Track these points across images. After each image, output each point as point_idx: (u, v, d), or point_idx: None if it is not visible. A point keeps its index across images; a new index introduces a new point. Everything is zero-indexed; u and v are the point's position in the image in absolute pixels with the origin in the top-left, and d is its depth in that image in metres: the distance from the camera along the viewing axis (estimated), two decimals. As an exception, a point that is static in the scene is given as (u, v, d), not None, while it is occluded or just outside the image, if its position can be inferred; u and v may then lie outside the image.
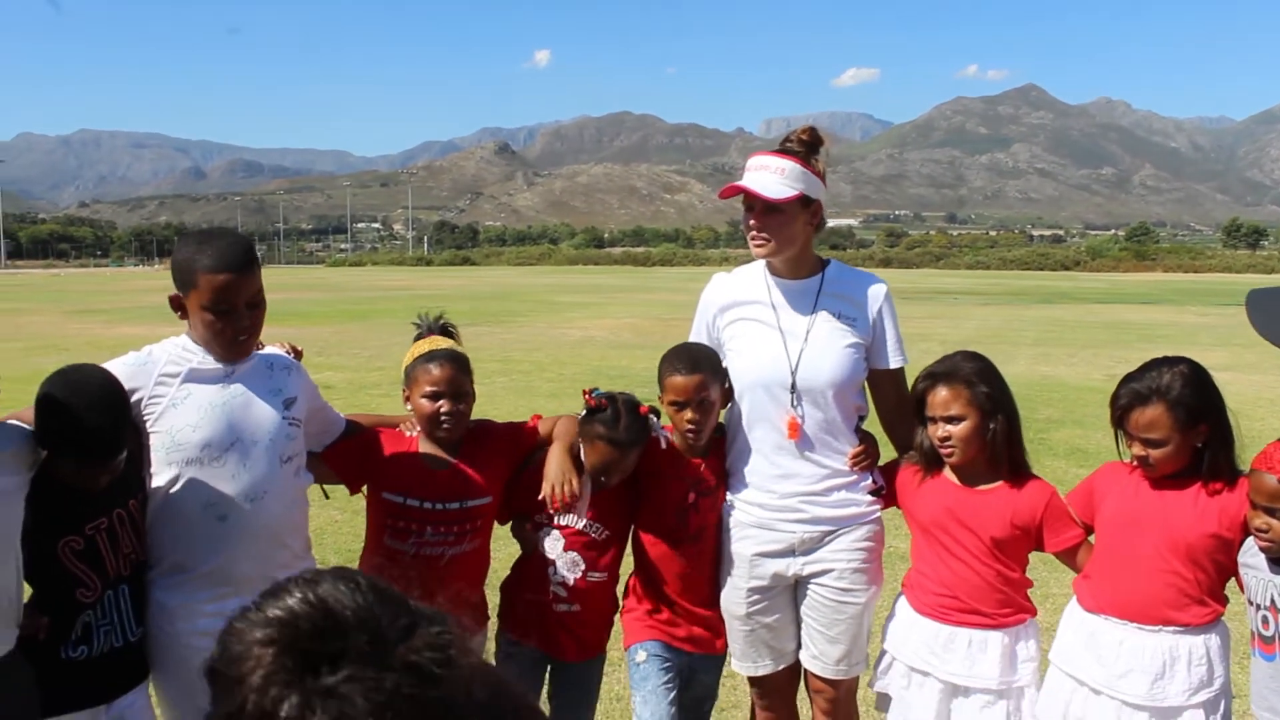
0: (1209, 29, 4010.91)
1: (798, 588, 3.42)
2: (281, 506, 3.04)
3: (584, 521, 3.39)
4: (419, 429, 3.33)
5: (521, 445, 3.41)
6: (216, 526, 2.91)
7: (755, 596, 3.39)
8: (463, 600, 3.34)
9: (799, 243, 3.31)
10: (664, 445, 3.38)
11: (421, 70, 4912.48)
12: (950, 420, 3.17)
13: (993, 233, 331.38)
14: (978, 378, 3.19)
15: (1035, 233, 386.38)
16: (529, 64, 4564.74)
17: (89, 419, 2.57)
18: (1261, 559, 2.82)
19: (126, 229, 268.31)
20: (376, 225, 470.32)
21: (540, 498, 3.25)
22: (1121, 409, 3.00)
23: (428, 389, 3.19)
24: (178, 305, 2.93)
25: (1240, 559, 2.92)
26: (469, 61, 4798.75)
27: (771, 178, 3.22)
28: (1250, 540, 2.87)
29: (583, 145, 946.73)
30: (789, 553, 3.34)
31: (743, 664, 3.49)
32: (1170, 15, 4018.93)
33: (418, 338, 3.40)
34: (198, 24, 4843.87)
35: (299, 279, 59.07)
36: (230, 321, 2.88)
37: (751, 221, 3.27)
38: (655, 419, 3.39)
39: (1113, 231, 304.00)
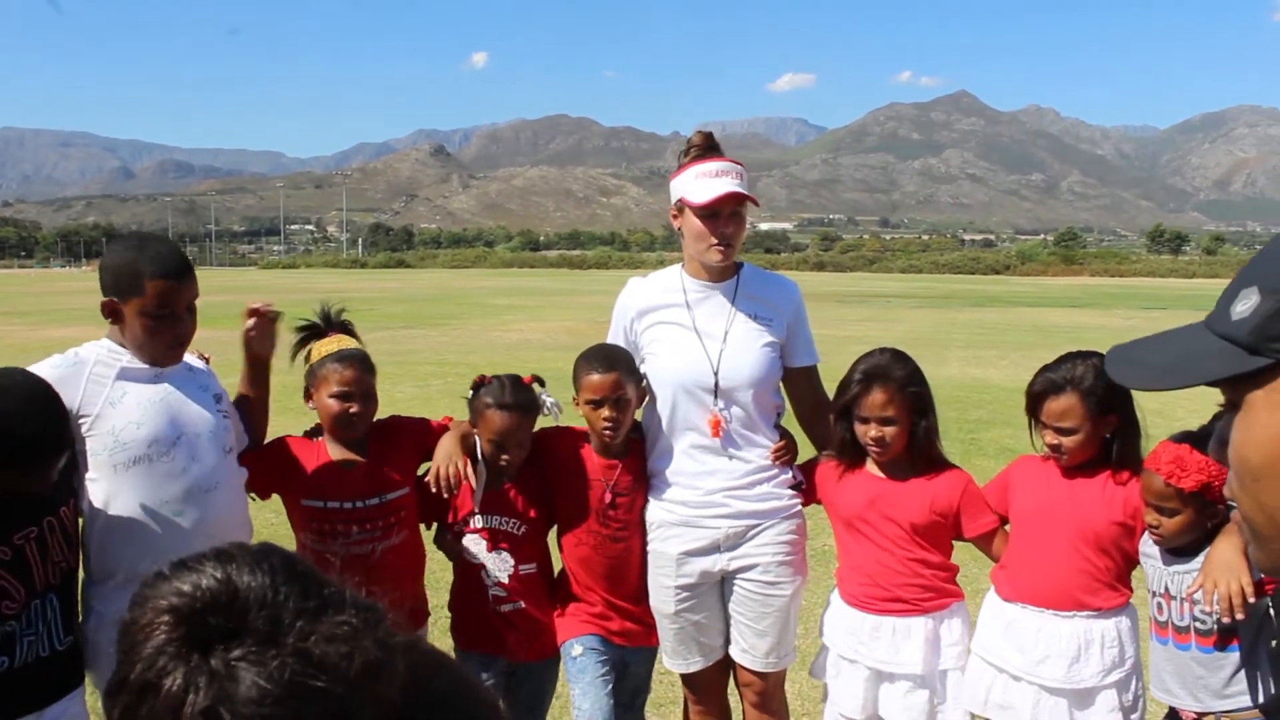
0: (1134, 40, 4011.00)
1: (724, 584, 3.47)
2: (230, 497, 3.05)
3: (505, 519, 3.41)
4: (322, 436, 3.35)
5: (429, 440, 3.39)
6: (173, 523, 2.89)
7: (684, 594, 3.43)
8: (399, 597, 3.25)
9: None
10: (552, 416, 3.46)
11: (357, 71, 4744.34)
12: (885, 422, 3.24)
13: (925, 237, 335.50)
14: (909, 381, 3.27)
15: (967, 237, 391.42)
16: (466, 66, 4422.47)
17: (23, 427, 2.48)
18: (1157, 550, 2.99)
19: (52, 229, 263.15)
20: (310, 227, 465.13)
21: (425, 480, 3.28)
22: (1036, 397, 3.12)
23: (337, 389, 3.20)
24: (111, 310, 2.90)
25: (1141, 549, 3.08)
26: (405, 63, 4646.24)
27: (740, 182, 3.29)
28: (1148, 533, 3.02)
29: (519, 148, 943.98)
30: (714, 549, 3.39)
31: (674, 661, 3.54)
32: (1097, 26, 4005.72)
33: (314, 331, 3.38)
34: (126, 20, 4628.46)
35: (231, 281, 57.53)
36: (170, 326, 2.89)
37: (723, 229, 3.29)
38: (540, 387, 3.44)
39: (1042, 236, 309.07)
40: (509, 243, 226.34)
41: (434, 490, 3.25)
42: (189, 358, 3.10)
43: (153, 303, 2.83)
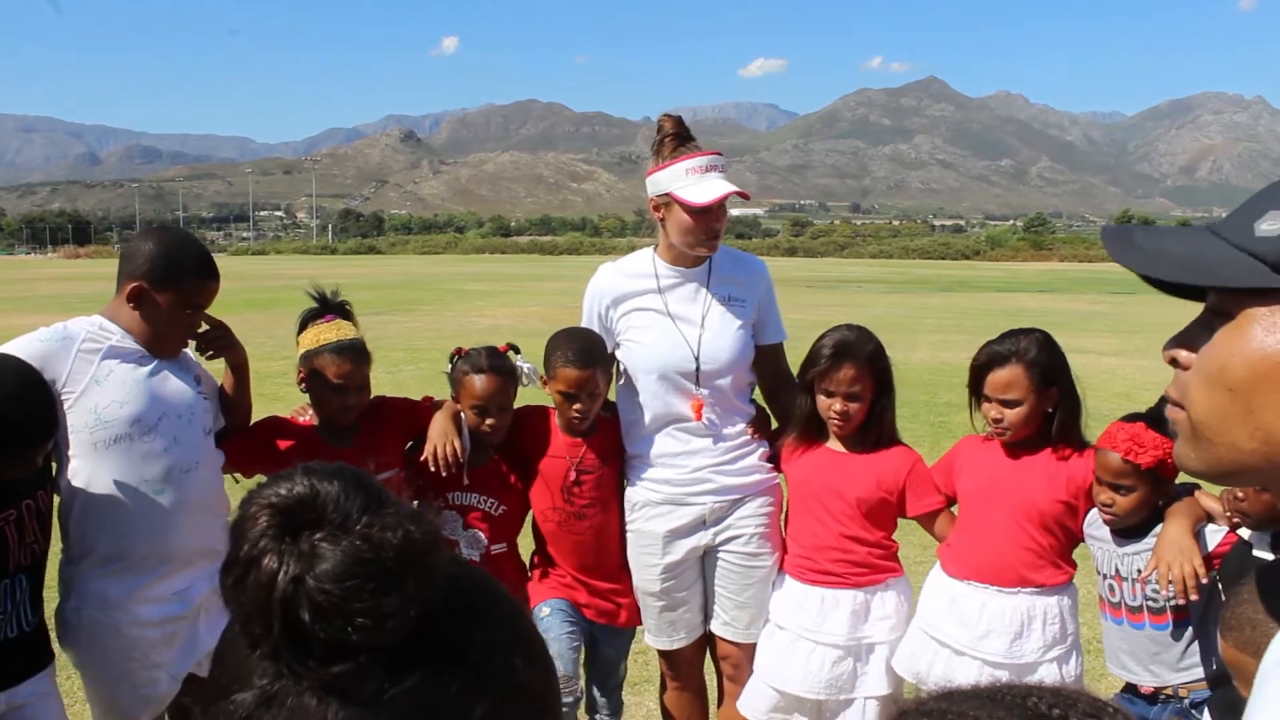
0: (1103, 27, 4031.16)
1: (706, 559, 3.53)
2: (209, 476, 3.07)
3: (484, 498, 3.44)
4: (310, 414, 3.38)
5: (416, 421, 3.43)
6: (153, 502, 2.91)
7: (669, 573, 3.48)
8: None
9: None
10: (530, 383, 3.50)
11: (327, 56, 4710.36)
12: (850, 397, 3.29)
13: (896, 222, 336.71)
14: (876, 357, 3.32)
15: (937, 223, 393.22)
16: (436, 51, 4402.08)
17: (12, 414, 2.50)
18: (1105, 531, 3.05)
19: (17, 216, 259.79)
20: (279, 213, 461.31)
21: (422, 459, 3.30)
22: (979, 369, 3.18)
23: (333, 381, 3.21)
24: (137, 295, 2.91)
25: (1086, 530, 3.15)
26: (375, 48, 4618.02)
27: (725, 176, 3.33)
28: (1094, 513, 3.09)
29: (489, 133, 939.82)
30: (700, 525, 3.45)
31: (658, 639, 3.59)
32: (1066, 13, 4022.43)
33: (314, 315, 3.37)
34: (91, 2, 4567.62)
35: (199, 268, 56.82)
36: (190, 322, 2.99)
37: (714, 224, 3.32)
38: (516, 354, 3.49)
39: (1011, 222, 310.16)
40: (480, 229, 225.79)
41: (433, 470, 3.27)
42: None
43: (190, 298, 2.92)
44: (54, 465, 2.91)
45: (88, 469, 2.87)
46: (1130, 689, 3.04)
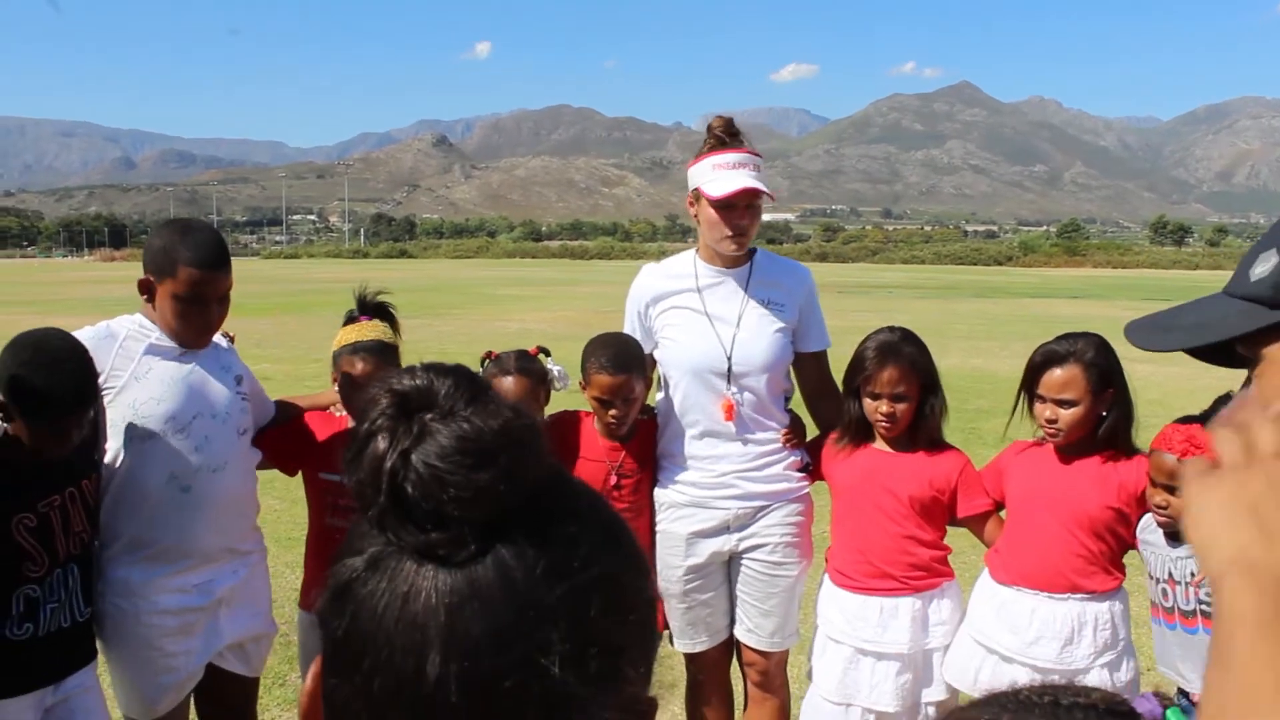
0: (1138, 31, 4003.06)
1: (731, 564, 3.53)
2: (239, 477, 3.11)
3: None
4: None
5: None
6: (180, 498, 2.96)
7: (693, 575, 3.48)
8: None
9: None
10: (561, 386, 3.53)
11: (359, 61, 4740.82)
12: (896, 398, 3.29)
13: (928, 228, 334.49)
14: (920, 357, 3.33)
15: (969, 228, 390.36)
16: (469, 55, 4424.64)
17: (58, 373, 2.55)
18: (1158, 535, 3.02)
19: (54, 219, 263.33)
20: (312, 217, 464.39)
21: None
22: (1036, 369, 3.17)
23: (356, 380, 3.24)
24: (146, 288, 2.98)
25: (1139, 535, 3.12)
26: (408, 53, 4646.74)
27: (756, 175, 3.32)
28: (1147, 517, 3.07)
29: (520, 138, 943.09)
30: (724, 529, 3.45)
31: (681, 642, 3.58)
32: (1101, 17, 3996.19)
33: (351, 316, 3.42)
34: (128, 9, 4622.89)
35: (234, 271, 57.17)
36: (198, 314, 2.96)
37: (740, 220, 3.33)
38: (546, 357, 3.52)
39: (1044, 228, 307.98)
40: (511, 233, 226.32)
41: None
42: (215, 336, 3.16)
43: (184, 288, 2.90)
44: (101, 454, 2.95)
45: (122, 461, 2.94)
46: (1183, 693, 3.02)
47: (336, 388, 3.35)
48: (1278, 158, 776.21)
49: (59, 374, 2.55)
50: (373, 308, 3.44)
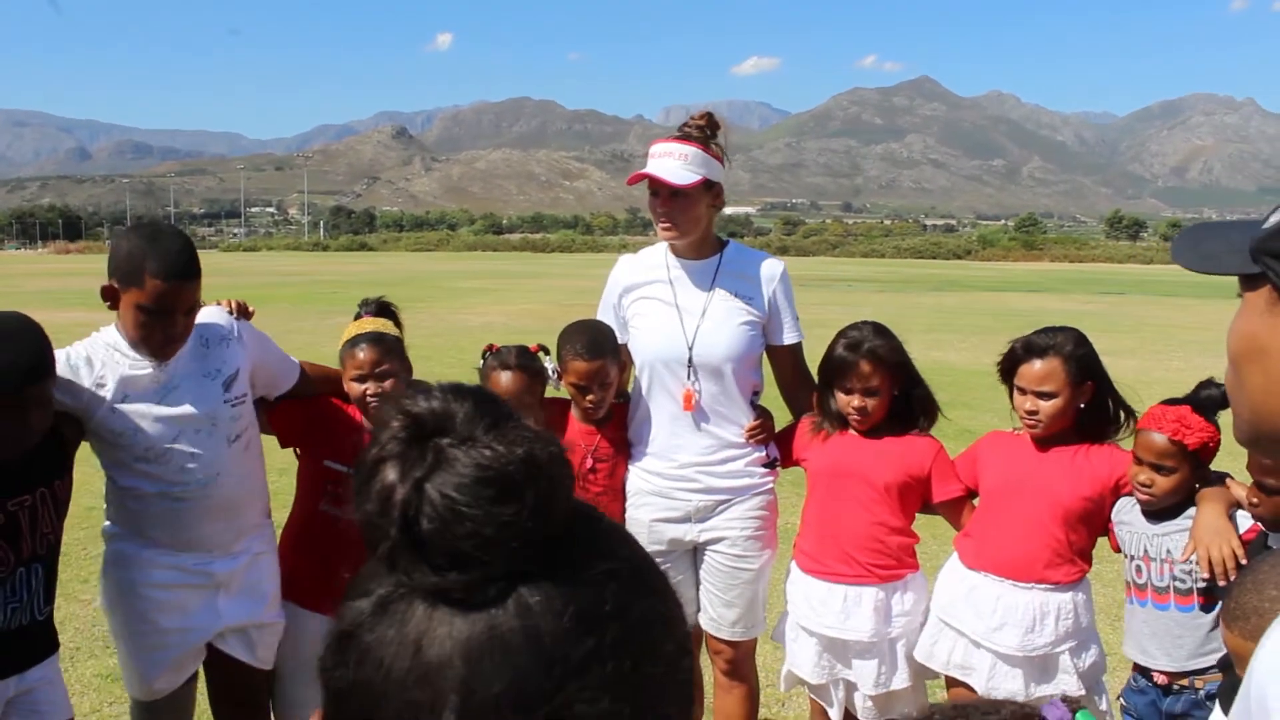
0: (1095, 28, 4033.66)
1: (697, 553, 3.57)
2: (235, 482, 3.07)
3: None
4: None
5: None
6: (174, 507, 2.96)
7: (656, 560, 3.37)
8: None
9: (703, 225, 3.45)
10: (553, 384, 3.56)
11: (319, 52, 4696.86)
12: (868, 392, 3.34)
13: (887, 222, 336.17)
14: (892, 352, 3.37)
15: (928, 222, 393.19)
16: (430, 47, 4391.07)
17: (8, 348, 2.51)
18: (1135, 514, 3.11)
19: (6, 210, 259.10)
20: (271, 210, 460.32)
21: None
22: (1015, 360, 3.22)
23: (354, 372, 3.27)
24: (110, 295, 2.87)
25: (1114, 517, 3.19)
26: (368, 44, 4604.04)
27: (676, 164, 3.35)
28: (1122, 501, 3.16)
29: (481, 130, 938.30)
30: (685, 519, 3.49)
31: None
32: (1058, 13, 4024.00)
33: (356, 317, 3.48)
34: None
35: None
36: (163, 326, 2.84)
37: (660, 208, 3.39)
38: (545, 355, 3.55)
39: (1002, 222, 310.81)
40: (472, 226, 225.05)
41: None
42: (213, 317, 3.10)
43: (150, 300, 2.78)
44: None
45: (113, 475, 3.00)
46: (1143, 676, 3.07)
47: (346, 387, 3.36)
48: (1230, 154, 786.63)
49: (9, 348, 2.50)
50: (376, 307, 3.50)
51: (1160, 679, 3.02)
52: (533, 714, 0.66)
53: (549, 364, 3.53)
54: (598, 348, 3.40)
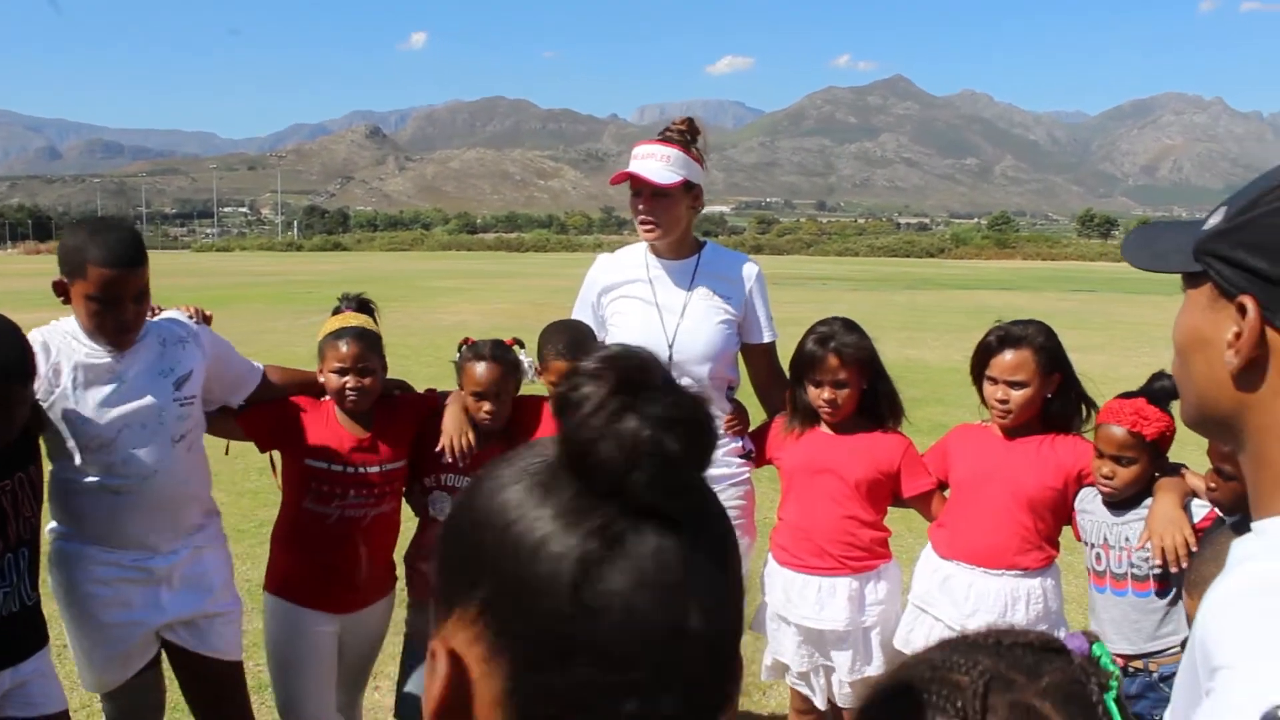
0: (1067, 28, 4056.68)
1: None
2: (174, 482, 3.08)
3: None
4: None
5: (423, 411, 3.53)
6: (110, 499, 2.99)
7: None
8: (381, 558, 3.54)
9: (683, 225, 3.55)
10: (529, 377, 3.59)
11: (292, 51, 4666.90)
12: (837, 385, 3.42)
13: (861, 220, 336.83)
14: (860, 346, 3.43)
15: (902, 220, 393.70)
16: (404, 46, 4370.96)
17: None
18: (1097, 503, 3.22)
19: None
20: (244, 210, 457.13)
21: (438, 449, 3.39)
22: (988, 351, 3.31)
23: (335, 365, 3.30)
24: (61, 290, 2.94)
25: (1077, 506, 3.29)
26: (342, 43, 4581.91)
27: (659, 165, 3.43)
28: (1084, 491, 3.27)
29: (455, 130, 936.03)
30: None
31: None
32: (1031, 13, 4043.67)
33: (335, 312, 3.50)
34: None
35: (164, 264, 55.97)
36: (114, 314, 2.89)
37: (641, 206, 3.48)
38: (520, 348, 3.58)
39: (976, 220, 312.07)
40: (446, 225, 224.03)
41: (449, 460, 3.38)
42: (174, 317, 3.17)
43: (95, 288, 2.83)
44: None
45: (57, 463, 3.01)
46: None
47: (322, 379, 3.39)
48: (1199, 153, 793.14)
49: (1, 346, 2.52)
50: (356, 303, 3.53)
51: (1118, 661, 3.07)
52: (734, 612, 0.79)
53: (525, 358, 3.56)
54: (577, 347, 3.43)
